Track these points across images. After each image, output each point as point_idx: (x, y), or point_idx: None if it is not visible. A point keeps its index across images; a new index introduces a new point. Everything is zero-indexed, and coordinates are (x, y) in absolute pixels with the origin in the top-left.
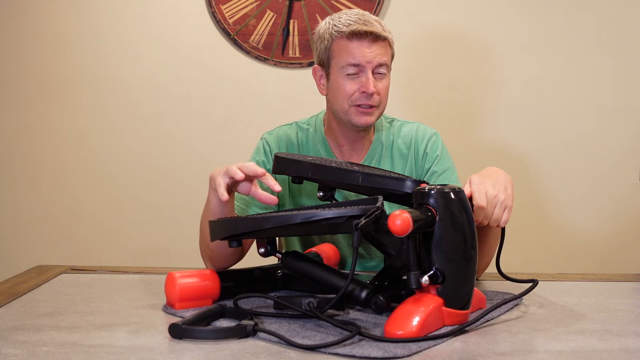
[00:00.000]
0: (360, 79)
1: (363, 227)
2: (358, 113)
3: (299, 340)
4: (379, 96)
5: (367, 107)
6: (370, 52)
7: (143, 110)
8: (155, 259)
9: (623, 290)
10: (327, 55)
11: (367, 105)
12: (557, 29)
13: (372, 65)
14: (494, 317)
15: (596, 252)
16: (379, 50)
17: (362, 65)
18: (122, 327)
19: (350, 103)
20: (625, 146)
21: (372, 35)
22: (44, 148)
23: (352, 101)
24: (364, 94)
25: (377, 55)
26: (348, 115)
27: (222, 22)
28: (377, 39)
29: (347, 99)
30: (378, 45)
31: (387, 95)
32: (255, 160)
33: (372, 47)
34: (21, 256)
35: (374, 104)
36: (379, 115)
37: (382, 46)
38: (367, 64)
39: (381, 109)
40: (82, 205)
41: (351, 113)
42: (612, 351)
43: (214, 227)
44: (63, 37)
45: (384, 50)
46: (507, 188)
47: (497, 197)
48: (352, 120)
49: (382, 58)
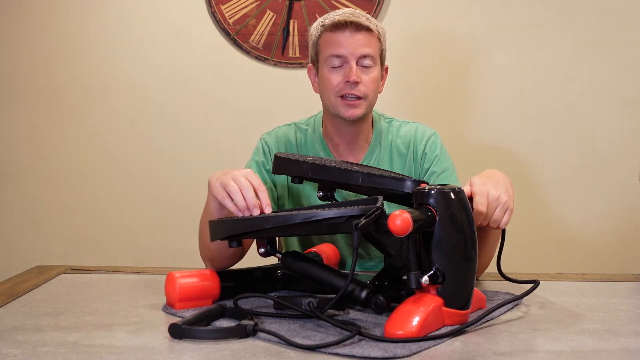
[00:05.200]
0: (344, 70)
1: (363, 227)
2: (344, 105)
3: (299, 340)
4: (364, 87)
5: (353, 98)
6: (352, 43)
7: (143, 110)
8: (155, 259)
9: (623, 290)
10: (315, 51)
11: (352, 96)
12: (558, 28)
13: (355, 55)
14: (494, 317)
15: (596, 252)
16: (362, 41)
17: (344, 56)
18: (122, 327)
19: (336, 94)
20: (625, 146)
21: (354, 25)
22: (44, 148)
23: (338, 92)
24: (347, 83)
25: (360, 46)
26: (336, 108)
27: (222, 22)
28: (359, 28)
29: (333, 91)
30: (361, 35)
31: (375, 88)
32: (254, 161)
33: (354, 37)
34: (21, 256)
35: (359, 95)
36: (368, 108)
37: (365, 37)
38: (349, 55)
39: (369, 102)
40: (81, 206)
41: (338, 105)
42: (612, 351)
43: (213, 227)
44: (62, 37)
45: (367, 42)
46: (509, 190)
47: (499, 199)
48: (340, 113)
49: (366, 49)
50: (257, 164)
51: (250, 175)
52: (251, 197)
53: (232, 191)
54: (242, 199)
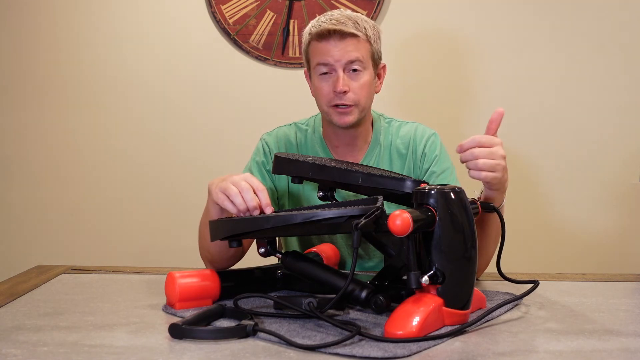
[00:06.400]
0: (332, 79)
1: (363, 227)
2: (337, 113)
3: (299, 340)
4: (354, 94)
5: (344, 106)
6: (337, 51)
7: (143, 110)
8: (155, 259)
9: (623, 290)
10: (306, 58)
11: (343, 104)
12: (558, 28)
13: (342, 63)
14: (494, 317)
15: (596, 252)
16: (349, 47)
17: (331, 65)
18: (122, 327)
19: (327, 104)
20: (625, 146)
21: (338, 33)
22: (44, 148)
23: (328, 102)
24: (336, 93)
25: (345, 52)
26: (329, 116)
27: (222, 22)
28: (343, 36)
29: (324, 101)
30: (347, 42)
31: (366, 93)
32: (254, 161)
33: (339, 45)
34: (21, 256)
35: (349, 103)
36: (361, 113)
37: (351, 43)
38: (335, 63)
39: (362, 107)
40: (82, 205)
41: (331, 114)
42: (612, 351)
43: (214, 227)
44: (61, 38)
45: (354, 47)
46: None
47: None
48: (333, 121)
49: (352, 54)
50: (257, 164)
51: (249, 177)
52: (250, 198)
53: (231, 194)
54: (242, 201)
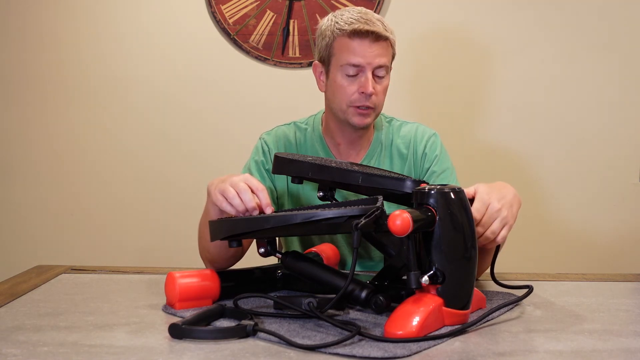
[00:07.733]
0: (359, 80)
1: (363, 227)
2: (356, 114)
3: (299, 340)
4: (376, 98)
5: (364, 108)
6: (371, 53)
7: (143, 110)
8: (155, 259)
9: (623, 290)
10: (328, 53)
11: (364, 106)
12: (559, 28)
13: (372, 66)
14: (494, 317)
15: (596, 252)
16: (380, 51)
17: (362, 66)
18: (122, 327)
19: (348, 104)
20: (625, 146)
21: (374, 35)
22: (44, 148)
23: (351, 102)
24: (362, 94)
25: (377, 56)
26: (346, 114)
27: (222, 22)
28: (378, 39)
29: (345, 100)
30: (379, 45)
31: (384, 97)
32: (254, 160)
33: (372, 47)
34: (21, 256)
35: (371, 105)
36: (376, 116)
37: (383, 47)
38: (367, 65)
39: (378, 110)
40: (82, 205)
41: (349, 113)
42: (612, 351)
43: (213, 227)
44: (62, 38)
45: (384, 51)
46: (513, 206)
47: (500, 211)
48: (350, 120)
49: (382, 59)
50: (256, 164)
51: (248, 178)
52: (248, 199)
53: (229, 196)
54: (240, 202)
